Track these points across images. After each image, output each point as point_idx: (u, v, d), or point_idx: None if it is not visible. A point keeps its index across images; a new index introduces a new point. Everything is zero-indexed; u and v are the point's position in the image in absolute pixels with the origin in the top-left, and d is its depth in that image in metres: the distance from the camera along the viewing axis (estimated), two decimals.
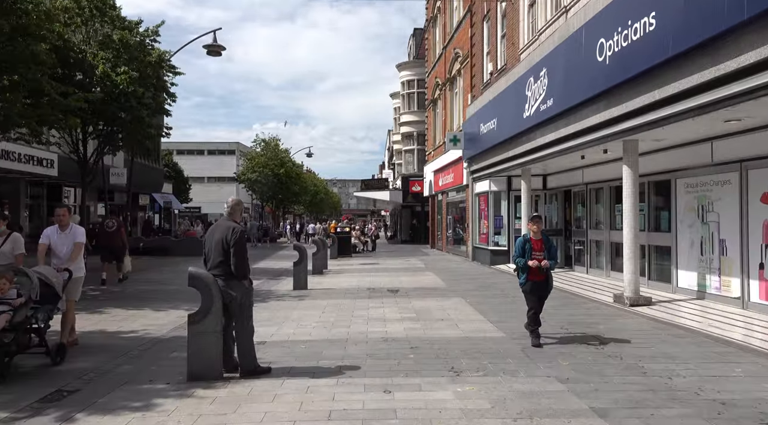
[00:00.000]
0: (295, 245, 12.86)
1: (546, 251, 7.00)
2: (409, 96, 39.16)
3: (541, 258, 6.93)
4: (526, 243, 7.08)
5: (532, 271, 6.93)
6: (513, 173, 16.99)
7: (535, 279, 7.01)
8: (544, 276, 7.02)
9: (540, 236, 7.10)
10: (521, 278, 7.09)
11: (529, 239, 7.10)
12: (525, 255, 6.97)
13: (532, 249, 6.99)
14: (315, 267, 16.50)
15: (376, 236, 30.35)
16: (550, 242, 7.17)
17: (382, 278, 14.79)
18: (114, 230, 14.03)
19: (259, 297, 11.37)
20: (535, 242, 7.06)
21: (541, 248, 7.02)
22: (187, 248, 24.50)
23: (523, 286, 7.12)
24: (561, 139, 11.53)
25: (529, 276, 6.99)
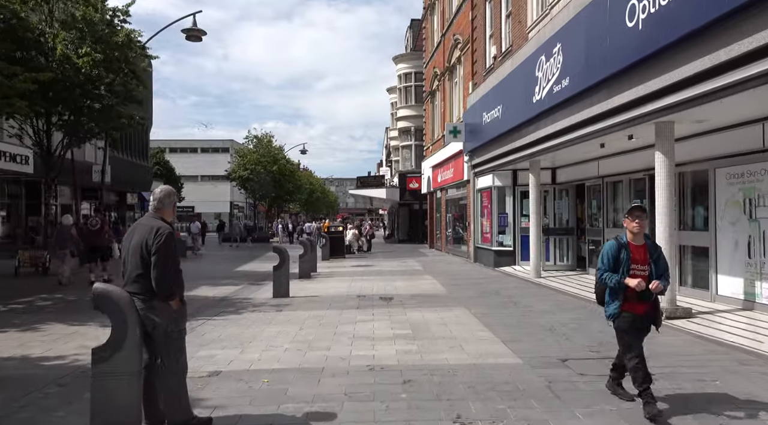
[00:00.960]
0: (275, 247, 11.37)
1: (653, 263, 4.53)
2: (406, 89, 37.62)
3: (645, 275, 4.47)
4: (621, 250, 4.55)
5: (630, 297, 4.49)
6: (519, 166, 15.49)
7: (635, 310, 4.50)
8: (650, 304, 4.56)
9: (644, 240, 4.59)
10: (611, 307, 4.59)
11: (626, 245, 4.56)
12: (620, 270, 4.51)
13: (630, 260, 4.51)
14: (302, 270, 15.00)
15: (371, 235, 28.75)
16: (659, 249, 4.66)
17: (375, 283, 13.28)
18: (98, 229, 13.70)
19: (232, 308, 9.87)
20: (637, 249, 4.54)
21: (646, 258, 4.52)
22: None
23: (615, 320, 4.58)
24: (578, 124, 10.01)
25: (625, 305, 4.51)
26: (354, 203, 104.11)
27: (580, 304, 9.67)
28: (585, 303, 9.71)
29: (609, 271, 4.54)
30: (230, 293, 11.97)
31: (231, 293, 11.97)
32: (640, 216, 4.53)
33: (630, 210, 4.62)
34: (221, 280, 14.69)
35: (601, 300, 4.76)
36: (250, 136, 43.80)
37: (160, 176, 53.22)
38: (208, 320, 8.68)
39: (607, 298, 4.64)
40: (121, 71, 14.27)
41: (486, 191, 17.40)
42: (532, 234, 13.61)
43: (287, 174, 44.71)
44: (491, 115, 15.16)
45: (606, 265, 4.57)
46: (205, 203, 70.71)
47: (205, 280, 14.62)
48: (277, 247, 11.37)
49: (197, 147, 75.45)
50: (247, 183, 42.83)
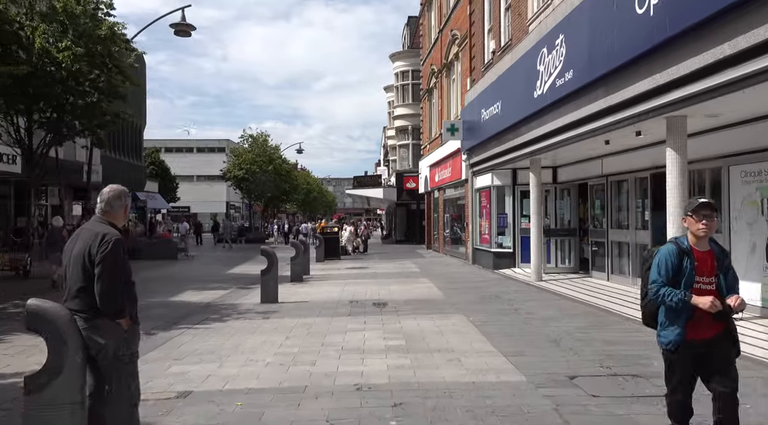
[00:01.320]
0: (263, 249, 10.80)
1: (722, 275, 3.51)
2: (403, 88, 37.07)
3: (713, 290, 3.45)
4: (684, 258, 3.49)
5: (695, 319, 3.43)
6: (519, 165, 14.93)
7: (699, 336, 3.45)
8: (722, 326, 3.46)
9: (709, 245, 3.55)
10: (671, 333, 3.50)
11: (689, 251, 3.51)
12: (681, 283, 3.45)
13: (694, 271, 3.47)
14: (293, 274, 14.43)
15: (368, 236, 28.15)
16: (728, 257, 3.67)
17: (369, 287, 12.71)
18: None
19: (216, 315, 9.30)
20: (702, 257, 3.51)
21: (713, 268, 3.50)
22: (159, 251, 22.41)
23: (668, 348, 3.53)
24: (583, 120, 9.46)
25: (688, 330, 3.45)
26: (352, 204, 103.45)
27: (586, 310, 9.10)
28: (590, 309, 9.14)
29: (664, 285, 3.45)
30: (216, 299, 11.40)
31: (217, 299, 11.39)
32: (710, 216, 3.45)
33: (696, 207, 3.48)
34: (209, 284, 14.11)
35: (651, 321, 3.71)
36: (246, 135, 43.13)
37: (155, 176, 52.61)
38: (188, 329, 8.11)
39: (663, 319, 3.56)
40: (104, 66, 13.67)
41: (485, 191, 16.84)
42: (533, 235, 13.06)
43: (283, 174, 44.06)
44: (490, 111, 14.61)
45: (663, 277, 3.46)
46: (200, 203, 70.05)
47: (192, 284, 14.06)
48: (265, 250, 10.80)
49: (193, 147, 74.80)
50: (242, 183, 42.22)
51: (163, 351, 6.75)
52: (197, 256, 24.14)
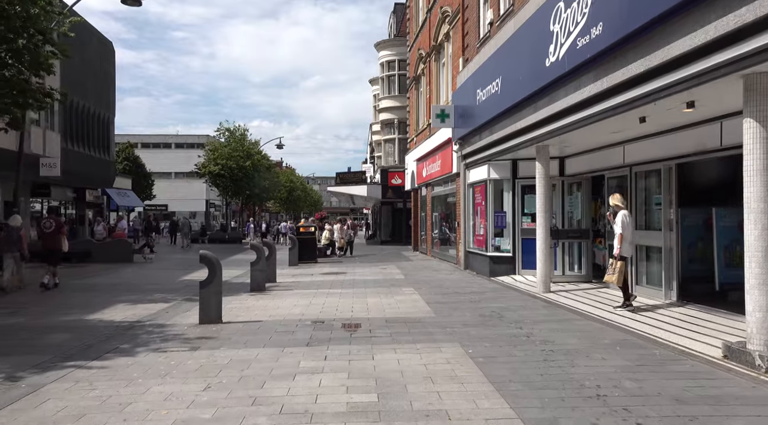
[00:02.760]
0: (202, 254, 8.48)
1: None
2: (389, 79, 34.82)
3: None
4: None
5: None
6: (521, 155, 12.75)
7: None
8: None
9: None
10: None
11: None
12: None
13: None
14: (254, 282, 12.11)
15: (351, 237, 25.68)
16: None
17: (343, 300, 10.44)
18: (52, 231, 12.79)
19: (130, 343, 6.98)
20: None
21: None
22: (113, 254, 19.93)
23: None
24: (614, 89, 7.26)
25: None
26: (338, 203, 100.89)
27: (621, 338, 6.89)
28: (627, 337, 6.94)
29: None
30: (147, 316, 9.06)
31: (149, 316, 9.05)
32: None
33: None
34: (151, 294, 11.76)
35: None
36: (222, 129, 40.55)
37: (129, 172, 49.94)
38: (76, 369, 5.78)
39: None
40: (24, 31, 11.25)
41: (479, 186, 14.63)
42: (540, 238, 10.86)
43: (262, 170, 41.56)
44: (487, 91, 12.39)
45: None
46: (179, 201, 67.33)
47: (131, 294, 11.70)
48: (205, 255, 8.48)
49: (171, 142, 71.88)
50: (218, 180, 39.70)
51: (4, 417, 4.43)
52: (157, 258, 21.67)
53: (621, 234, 8.38)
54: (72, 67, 30.42)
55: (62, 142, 29.62)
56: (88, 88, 33.52)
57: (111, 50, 38.03)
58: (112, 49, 38.07)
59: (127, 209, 49.45)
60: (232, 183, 39.51)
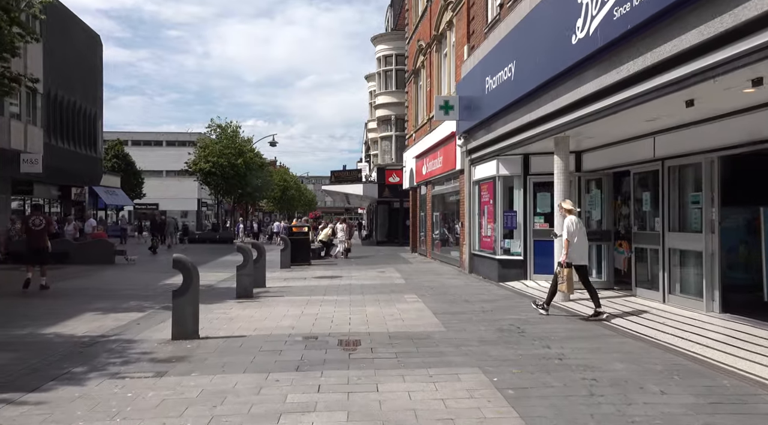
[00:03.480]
0: (176, 258, 7.29)
1: None
2: (386, 74, 33.68)
3: None
4: None
5: None
6: (533, 149, 11.66)
7: None
8: None
9: None
10: None
11: None
12: None
13: None
14: (240, 287, 10.96)
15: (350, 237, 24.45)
16: None
17: (339, 309, 9.29)
18: (41, 229, 12.31)
19: (84, 366, 5.83)
20: None
21: None
22: (93, 255, 18.69)
23: None
24: (663, 64, 6.14)
25: None
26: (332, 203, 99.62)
27: (674, 362, 5.77)
28: (680, 359, 5.81)
29: None
30: (115, 329, 7.88)
31: (116, 329, 7.88)
32: None
33: None
34: (126, 301, 10.58)
35: None
36: (213, 125, 39.22)
37: (118, 169, 48.58)
38: (7, 405, 4.62)
39: None
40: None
41: (487, 183, 13.51)
42: (559, 240, 9.72)
43: (254, 168, 40.28)
44: (498, 78, 11.27)
45: None
46: (170, 200, 65.93)
47: (103, 301, 10.52)
48: (179, 259, 7.31)
49: (162, 140, 70.46)
50: (209, 177, 38.41)
51: None
52: (140, 260, 20.41)
53: (567, 240, 8.11)
54: (56, 60, 29.17)
55: (45, 137, 28.34)
56: (74, 81, 32.20)
57: (98, 43, 36.70)
58: (99, 42, 36.74)
59: (115, 207, 48.16)
60: (223, 181, 38.24)
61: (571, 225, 8.21)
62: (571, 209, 8.41)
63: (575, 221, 8.29)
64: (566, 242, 8.14)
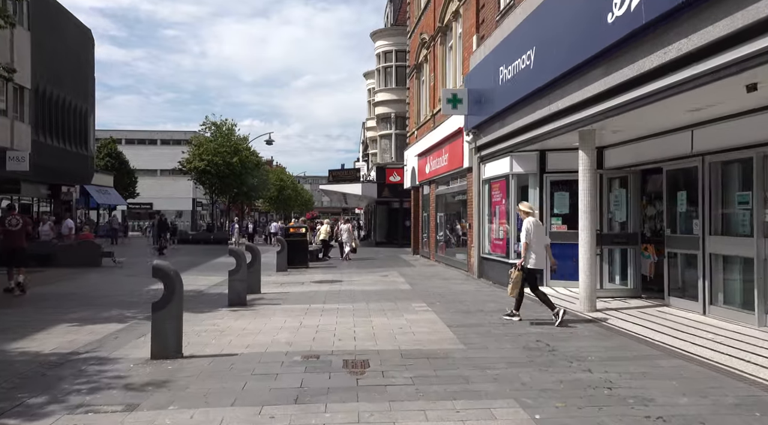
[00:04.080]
0: (156, 266, 6.31)
1: None
2: (385, 70, 32.76)
3: None
4: None
5: None
6: (550, 145, 10.80)
7: None
8: None
9: None
10: None
11: None
12: None
13: None
14: (232, 294, 10.03)
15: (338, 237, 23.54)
16: None
17: (343, 320, 8.35)
18: (18, 229, 11.96)
19: (41, 397, 4.88)
20: None
21: None
22: (78, 257, 17.71)
23: None
24: (726, 40, 5.24)
25: None
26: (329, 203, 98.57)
27: (747, 393, 4.85)
28: (754, 389, 4.89)
29: None
30: (89, 345, 6.94)
31: (90, 345, 6.93)
32: None
33: None
34: (108, 309, 9.64)
35: None
36: (207, 122, 38.19)
37: (111, 168, 47.53)
38: None
39: None
40: None
41: (499, 181, 12.59)
42: (585, 243, 8.82)
43: (250, 167, 39.30)
44: (514, 67, 10.35)
45: None
46: (164, 199, 64.83)
47: (83, 309, 9.58)
48: (159, 266, 6.36)
49: (156, 139, 69.34)
50: (203, 176, 37.39)
51: None
52: (129, 262, 19.41)
53: (526, 243, 7.86)
54: (45, 54, 28.14)
55: (33, 134, 27.31)
56: (65, 77, 31.14)
57: (90, 38, 35.65)
58: (91, 37, 35.69)
59: (108, 207, 47.10)
60: (218, 180, 37.26)
61: (530, 227, 7.90)
62: (529, 212, 8.11)
63: (534, 223, 7.98)
64: (525, 245, 7.86)
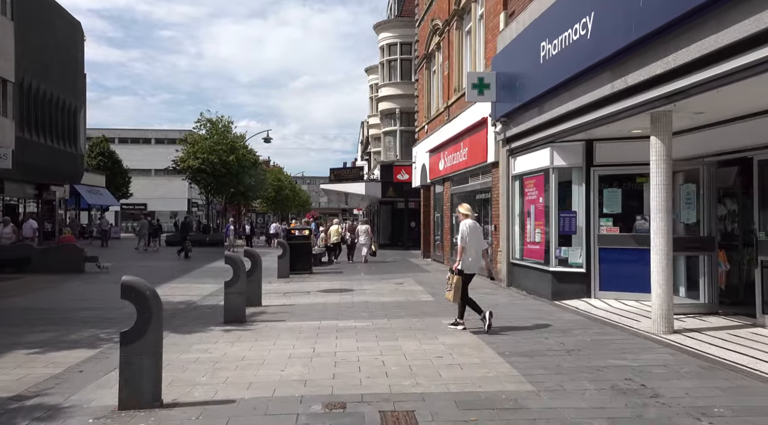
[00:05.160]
0: (126, 283, 4.72)
1: None
2: (390, 64, 31.18)
3: None
4: None
5: None
6: (597, 134, 9.24)
7: None
8: None
9: None
10: None
11: None
12: None
13: None
14: (228, 309, 8.44)
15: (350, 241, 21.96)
16: None
17: (365, 345, 6.73)
18: None
19: None
20: None
21: None
22: (59, 262, 16.07)
23: None
24: None
25: None
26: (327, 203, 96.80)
27: None
28: None
29: None
30: (42, 383, 5.32)
31: (44, 383, 5.31)
32: None
33: None
34: (79, 328, 8.04)
35: None
36: (202, 119, 36.48)
37: (103, 168, 45.87)
38: None
39: None
40: None
41: (534, 177, 10.99)
42: (659, 249, 7.21)
43: (247, 166, 37.63)
44: (563, 41, 8.75)
45: None
46: (159, 200, 63.19)
47: (49, 328, 7.97)
48: (130, 284, 4.74)
49: (151, 138, 67.59)
50: (198, 175, 35.68)
51: None
52: (115, 267, 17.72)
53: (462, 247, 7.59)
54: (31, 47, 26.48)
55: (17, 130, 25.63)
56: (52, 71, 29.42)
57: (79, 31, 33.94)
58: (80, 29, 34.00)
59: (100, 207, 45.40)
60: (214, 179, 35.55)
61: (465, 230, 7.63)
62: (468, 214, 7.80)
63: (471, 225, 7.68)
64: (461, 248, 7.59)
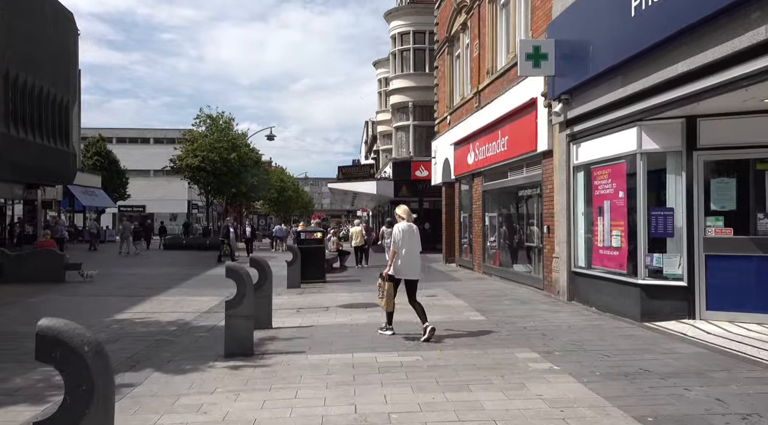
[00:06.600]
0: (41, 331, 2.73)
1: None
2: (402, 54, 29.11)
3: None
4: None
5: None
6: (702, 110, 7.09)
7: None
8: None
9: None
10: None
11: None
12: None
13: None
14: (232, 337, 6.33)
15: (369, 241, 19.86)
16: None
17: (426, 399, 4.60)
18: None
19: None
20: None
21: None
22: (36, 269, 13.96)
23: None
24: None
25: None
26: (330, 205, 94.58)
27: None
28: None
29: None
30: None
31: None
32: None
33: None
34: (29, 369, 5.92)
35: None
36: (202, 115, 34.39)
37: (100, 168, 43.87)
38: None
39: None
40: None
41: (610, 166, 8.85)
42: None
43: (250, 165, 35.53)
44: None
45: None
46: (158, 201, 61.12)
47: (11, 360, 5.87)
48: (53, 332, 2.69)
49: (149, 137, 65.50)
50: (197, 174, 33.59)
51: None
52: (102, 274, 15.57)
53: (393, 251, 7.22)
54: (17, 37, 24.42)
55: (3, 126, 23.57)
56: (42, 64, 27.30)
57: (72, 22, 31.91)
58: (72, 20, 31.96)
59: (96, 209, 43.37)
60: (214, 179, 33.44)
61: (398, 233, 7.31)
62: (404, 217, 7.50)
63: (405, 228, 7.34)
64: (392, 252, 7.27)
